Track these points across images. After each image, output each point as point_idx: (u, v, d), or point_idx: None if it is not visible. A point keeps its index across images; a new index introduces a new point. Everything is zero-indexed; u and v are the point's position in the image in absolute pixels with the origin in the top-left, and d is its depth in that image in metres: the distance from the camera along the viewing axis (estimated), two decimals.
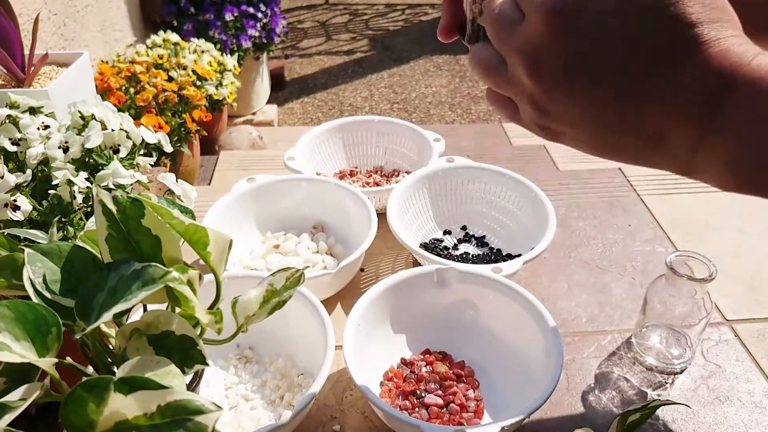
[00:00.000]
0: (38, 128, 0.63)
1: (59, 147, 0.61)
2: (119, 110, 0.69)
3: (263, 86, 2.58)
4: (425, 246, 0.87)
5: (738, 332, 0.76)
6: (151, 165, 0.69)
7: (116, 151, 0.64)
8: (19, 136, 0.62)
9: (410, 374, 0.67)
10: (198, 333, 0.40)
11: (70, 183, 0.59)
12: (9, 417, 0.31)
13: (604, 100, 0.30)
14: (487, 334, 0.70)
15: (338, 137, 1.06)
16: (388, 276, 0.69)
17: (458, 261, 0.81)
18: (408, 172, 1.02)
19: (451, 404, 0.63)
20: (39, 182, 0.62)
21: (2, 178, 0.57)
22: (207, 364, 0.38)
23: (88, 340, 0.40)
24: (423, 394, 0.64)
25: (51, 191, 0.59)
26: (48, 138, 0.62)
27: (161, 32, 1.74)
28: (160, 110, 1.42)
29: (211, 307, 0.42)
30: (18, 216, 0.56)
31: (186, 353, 0.38)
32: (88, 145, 0.61)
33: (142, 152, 0.68)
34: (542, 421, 0.65)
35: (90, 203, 0.60)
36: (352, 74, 3.29)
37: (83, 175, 0.60)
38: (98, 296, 0.36)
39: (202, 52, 1.73)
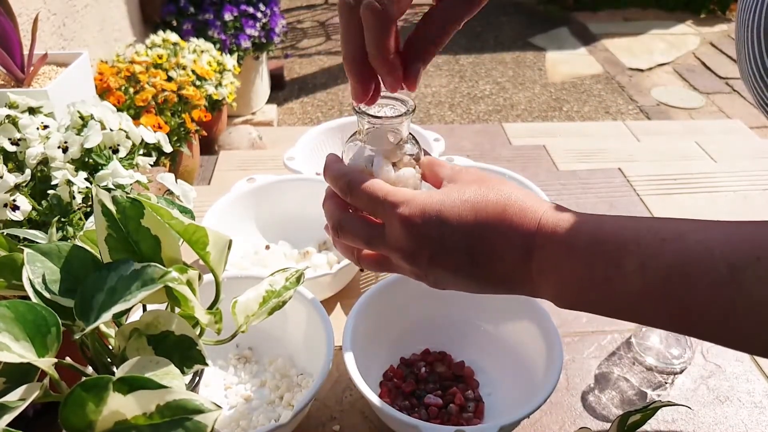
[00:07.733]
0: (37, 128, 0.63)
1: (58, 147, 0.61)
2: (119, 110, 0.69)
3: (263, 86, 2.58)
4: None
5: None
6: (151, 165, 0.69)
7: (115, 151, 0.64)
8: (18, 136, 0.62)
9: (410, 374, 0.67)
10: (198, 333, 0.39)
11: (69, 183, 0.58)
12: (8, 417, 0.31)
13: (465, 274, 0.42)
14: (487, 334, 0.69)
15: (338, 137, 1.06)
16: (388, 276, 0.69)
17: None
18: None
19: (451, 404, 0.63)
20: (38, 182, 0.62)
21: (2, 178, 0.57)
22: (206, 364, 0.38)
23: (87, 340, 0.40)
24: (423, 394, 0.64)
25: (50, 191, 0.59)
26: (47, 138, 0.62)
27: (161, 32, 1.74)
28: (159, 110, 1.42)
29: (210, 307, 0.42)
30: (17, 216, 0.56)
31: (185, 353, 0.38)
32: (87, 145, 0.61)
33: (141, 152, 0.68)
34: (542, 421, 0.64)
35: (89, 203, 0.60)
36: None
37: (83, 175, 0.60)
38: (98, 296, 0.36)
39: (202, 51, 1.73)
